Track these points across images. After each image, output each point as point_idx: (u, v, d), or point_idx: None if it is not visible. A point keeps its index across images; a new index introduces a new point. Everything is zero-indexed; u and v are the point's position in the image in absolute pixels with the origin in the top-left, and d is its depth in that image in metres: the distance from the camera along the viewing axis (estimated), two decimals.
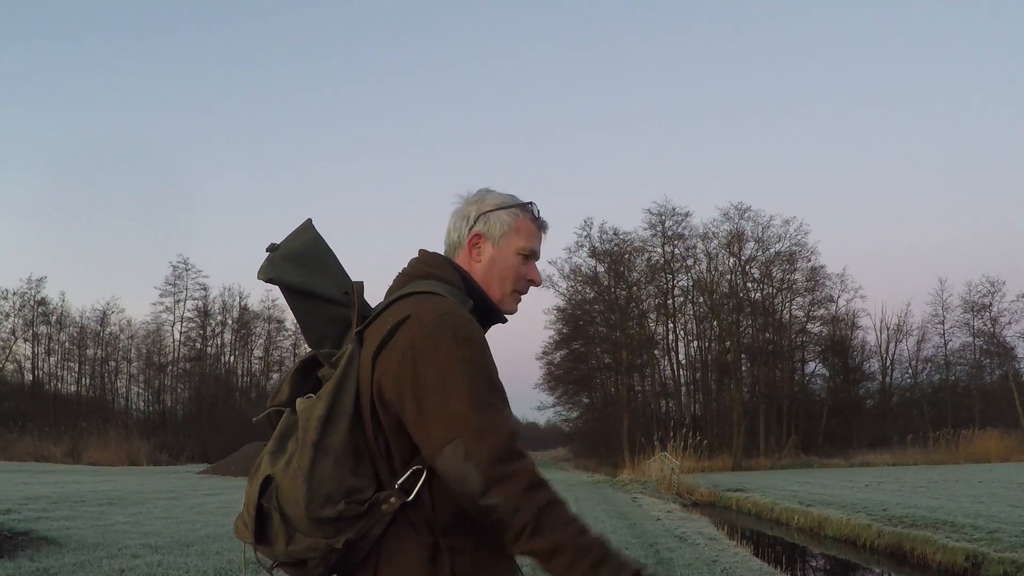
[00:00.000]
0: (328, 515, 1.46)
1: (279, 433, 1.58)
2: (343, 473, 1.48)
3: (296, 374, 1.67)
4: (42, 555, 7.02)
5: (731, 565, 8.90)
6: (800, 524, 15.38)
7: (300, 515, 1.47)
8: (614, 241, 47.03)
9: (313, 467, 1.47)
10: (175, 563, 6.88)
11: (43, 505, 11.20)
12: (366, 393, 1.55)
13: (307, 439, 1.50)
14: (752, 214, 45.53)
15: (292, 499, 1.48)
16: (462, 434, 1.45)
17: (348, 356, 1.58)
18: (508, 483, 1.42)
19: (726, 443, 40.75)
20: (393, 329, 1.56)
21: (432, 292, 1.64)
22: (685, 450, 31.83)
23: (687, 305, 48.81)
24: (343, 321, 1.68)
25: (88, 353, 51.56)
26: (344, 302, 1.68)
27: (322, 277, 1.69)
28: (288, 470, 1.50)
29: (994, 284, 46.22)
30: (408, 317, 1.56)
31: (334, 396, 1.53)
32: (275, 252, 1.69)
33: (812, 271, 46.55)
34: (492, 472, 1.43)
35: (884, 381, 50.86)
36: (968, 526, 11.32)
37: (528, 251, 1.78)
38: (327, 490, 1.46)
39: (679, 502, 21.29)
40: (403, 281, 1.72)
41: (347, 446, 1.50)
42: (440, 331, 1.52)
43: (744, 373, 45.52)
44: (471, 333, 1.55)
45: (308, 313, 1.69)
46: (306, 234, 1.73)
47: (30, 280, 48.42)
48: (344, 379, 1.55)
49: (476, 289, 1.73)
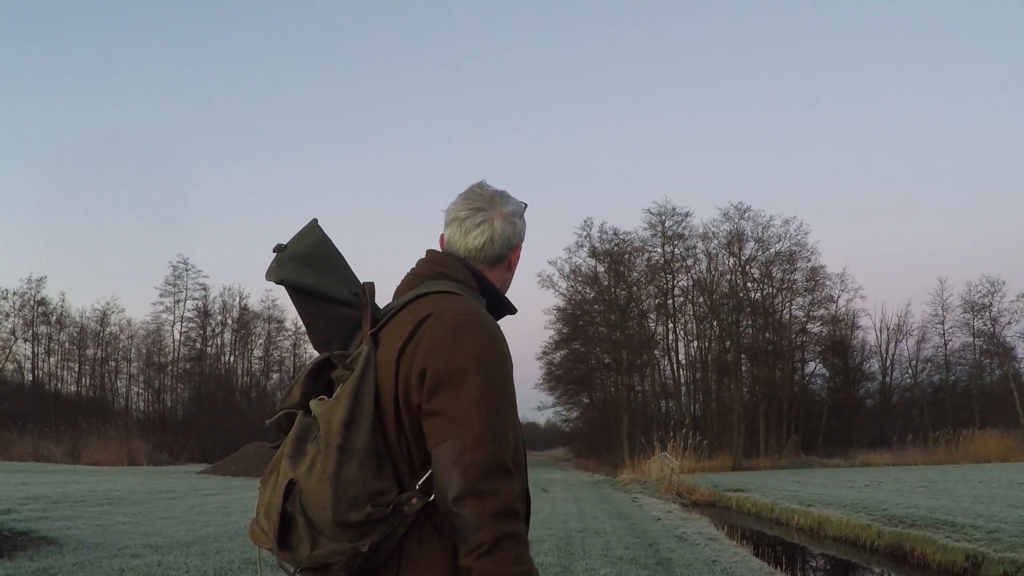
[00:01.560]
0: (355, 519, 1.45)
1: (296, 436, 1.55)
2: (368, 476, 1.47)
3: (309, 376, 1.65)
4: (42, 555, 7.02)
5: (731, 565, 8.90)
6: (800, 524, 15.38)
7: (326, 519, 1.46)
8: (614, 241, 47.13)
9: (339, 470, 1.46)
10: (175, 563, 6.87)
11: (43, 505, 11.20)
12: (388, 394, 1.54)
13: (331, 442, 1.48)
14: (752, 214, 45.62)
15: (318, 503, 1.47)
16: (462, 435, 1.45)
17: (365, 358, 1.56)
18: (483, 500, 1.42)
19: (726, 443, 40.76)
20: (416, 328, 1.54)
21: (449, 291, 1.63)
22: (685, 450, 31.84)
23: (687, 305, 48.86)
24: (352, 322, 1.66)
25: (88, 353, 51.56)
26: (354, 303, 1.65)
27: (331, 278, 1.66)
28: (312, 474, 1.48)
29: (994, 284, 46.27)
30: (430, 315, 1.55)
31: (354, 398, 1.52)
32: (283, 253, 1.66)
33: (812, 271, 46.62)
34: (474, 484, 1.43)
35: (884, 381, 50.89)
36: (968, 526, 11.32)
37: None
38: (353, 493, 1.46)
39: (679, 502, 21.29)
40: (413, 282, 1.71)
41: (369, 448, 1.49)
42: (461, 329, 1.52)
43: (744, 373, 45.52)
44: (493, 333, 1.55)
45: (316, 315, 1.67)
46: (313, 234, 1.70)
47: (30, 280, 48.43)
48: (363, 381, 1.54)
49: (489, 287, 1.73)
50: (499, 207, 1.74)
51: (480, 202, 1.74)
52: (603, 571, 7.74)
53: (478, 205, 1.74)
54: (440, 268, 1.70)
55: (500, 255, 1.75)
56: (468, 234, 1.72)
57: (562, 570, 7.74)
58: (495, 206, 1.74)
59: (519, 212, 1.78)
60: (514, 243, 1.76)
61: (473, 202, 1.74)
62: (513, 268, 1.80)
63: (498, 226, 1.73)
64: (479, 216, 1.73)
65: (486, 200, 1.75)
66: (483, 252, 1.73)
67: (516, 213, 1.77)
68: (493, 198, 1.75)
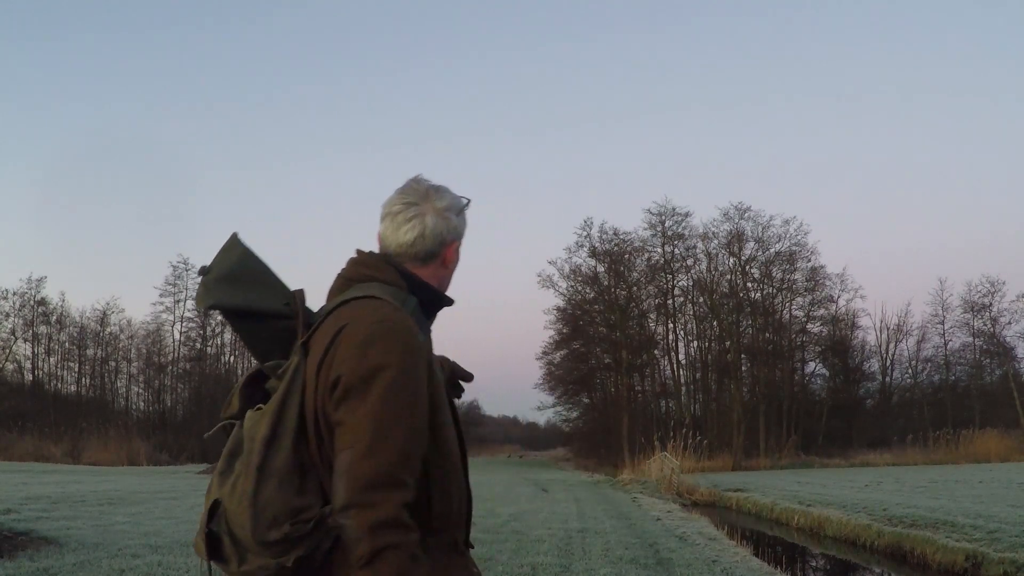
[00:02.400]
0: (274, 537, 1.46)
1: (227, 451, 1.57)
2: (288, 494, 1.48)
3: (246, 386, 1.64)
4: (42, 555, 7.02)
5: (731, 565, 8.89)
6: (800, 524, 15.38)
7: (248, 538, 1.47)
8: (614, 241, 47.09)
9: (257, 491, 1.47)
10: (175, 563, 6.87)
11: (43, 505, 11.20)
12: (311, 406, 1.53)
13: (251, 463, 1.49)
14: (752, 214, 45.55)
15: (239, 523, 1.48)
16: (353, 446, 1.45)
17: (294, 368, 1.56)
18: (364, 511, 1.42)
19: (726, 443, 40.72)
20: (333, 338, 1.53)
21: (371, 296, 1.60)
22: (685, 450, 31.84)
23: (687, 305, 48.82)
24: (289, 332, 1.64)
25: (88, 353, 51.57)
26: (287, 314, 1.65)
27: (261, 293, 1.65)
28: (234, 494, 1.50)
29: (994, 284, 46.25)
30: (347, 325, 1.54)
31: (278, 413, 1.52)
32: (208, 276, 1.66)
33: (812, 271, 46.54)
34: (356, 496, 1.43)
35: (884, 381, 50.90)
36: (968, 526, 11.32)
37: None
38: (272, 513, 1.46)
39: (679, 502, 21.28)
40: (342, 285, 1.69)
41: (291, 465, 1.50)
42: (371, 339, 1.50)
43: (744, 373, 45.49)
44: (402, 342, 1.52)
45: (252, 332, 1.67)
46: (235, 250, 1.68)
47: (30, 280, 48.46)
48: (288, 393, 1.54)
49: (419, 283, 1.69)
50: (433, 202, 1.70)
51: (414, 197, 1.71)
52: (603, 571, 7.74)
53: (411, 200, 1.70)
54: (367, 270, 1.68)
55: (432, 251, 1.70)
56: (399, 229, 1.69)
57: (562, 570, 7.74)
58: (429, 201, 1.70)
59: (455, 208, 1.73)
60: (448, 239, 1.71)
61: (407, 196, 1.71)
62: (449, 265, 1.76)
63: (429, 221, 1.69)
64: (411, 211, 1.69)
65: (420, 195, 1.71)
66: (414, 248, 1.69)
67: (451, 208, 1.72)
68: (428, 193, 1.71)
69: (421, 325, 1.64)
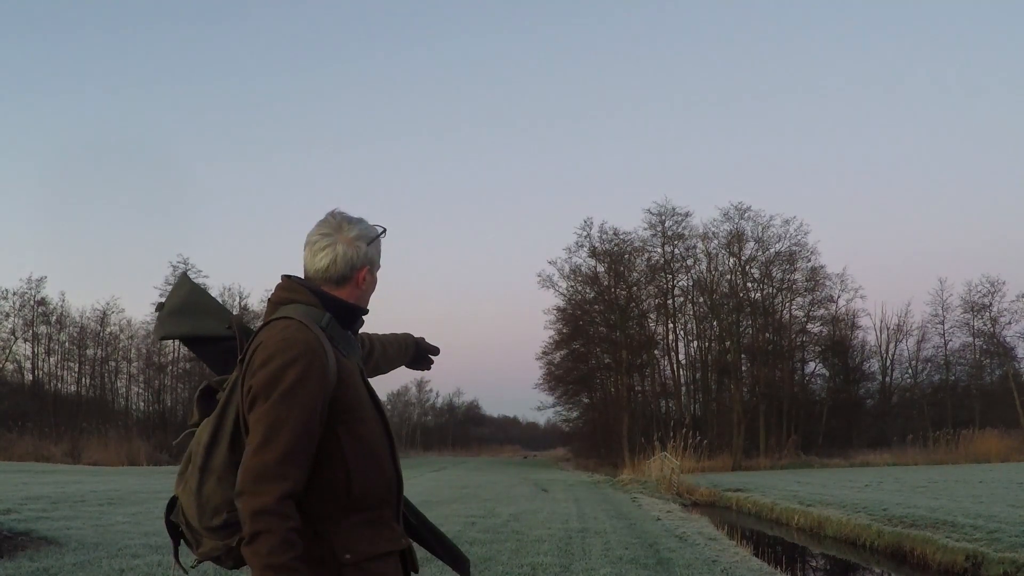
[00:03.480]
0: (216, 524, 1.79)
1: (185, 455, 1.90)
2: (226, 489, 1.78)
3: (200, 399, 1.96)
4: (42, 555, 7.02)
5: (731, 565, 8.89)
6: (800, 524, 15.38)
7: (198, 526, 1.83)
8: (614, 241, 47.02)
9: (200, 487, 1.81)
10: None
11: (43, 505, 11.20)
12: (242, 412, 1.82)
13: (195, 463, 1.83)
14: (752, 214, 45.48)
15: (191, 514, 1.84)
16: (251, 443, 1.74)
17: (233, 381, 1.87)
18: (249, 499, 1.69)
19: (726, 443, 40.70)
20: (251, 356, 1.82)
21: (285, 317, 1.86)
22: (685, 450, 31.81)
23: (687, 305, 48.78)
24: (233, 352, 1.95)
25: (88, 353, 51.50)
26: (230, 336, 1.99)
27: (206, 321, 2.04)
28: (186, 490, 1.85)
29: (994, 284, 46.16)
30: (260, 344, 1.82)
31: (217, 420, 1.85)
32: (162, 311, 2.07)
33: (812, 271, 46.49)
34: (246, 486, 1.71)
35: (884, 381, 50.86)
36: (968, 526, 11.31)
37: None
38: (213, 504, 1.79)
39: (679, 502, 21.27)
40: (270, 308, 1.96)
41: (228, 464, 1.80)
42: (273, 353, 1.77)
43: (744, 373, 45.45)
44: (296, 355, 1.77)
45: (206, 353, 2.06)
46: (183, 287, 2.10)
47: (30, 280, 48.30)
48: (227, 403, 1.86)
49: (334, 301, 1.95)
50: (344, 233, 1.97)
51: (328, 228, 1.98)
52: (603, 571, 7.74)
53: (326, 231, 1.97)
54: (288, 294, 1.95)
55: (344, 275, 1.97)
56: (315, 256, 1.96)
57: (562, 570, 7.74)
58: (341, 232, 1.97)
59: (366, 237, 1.99)
60: (358, 264, 1.97)
61: (323, 228, 1.98)
62: (363, 286, 2.01)
63: (340, 250, 1.96)
64: (325, 240, 1.96)
65: (334, 227, 1.98)
66: (327, 272, 1.96)
67: (362, 238, 1.98)
68: (341, 225, 1.98)
69: (338, 334, 1.93)
